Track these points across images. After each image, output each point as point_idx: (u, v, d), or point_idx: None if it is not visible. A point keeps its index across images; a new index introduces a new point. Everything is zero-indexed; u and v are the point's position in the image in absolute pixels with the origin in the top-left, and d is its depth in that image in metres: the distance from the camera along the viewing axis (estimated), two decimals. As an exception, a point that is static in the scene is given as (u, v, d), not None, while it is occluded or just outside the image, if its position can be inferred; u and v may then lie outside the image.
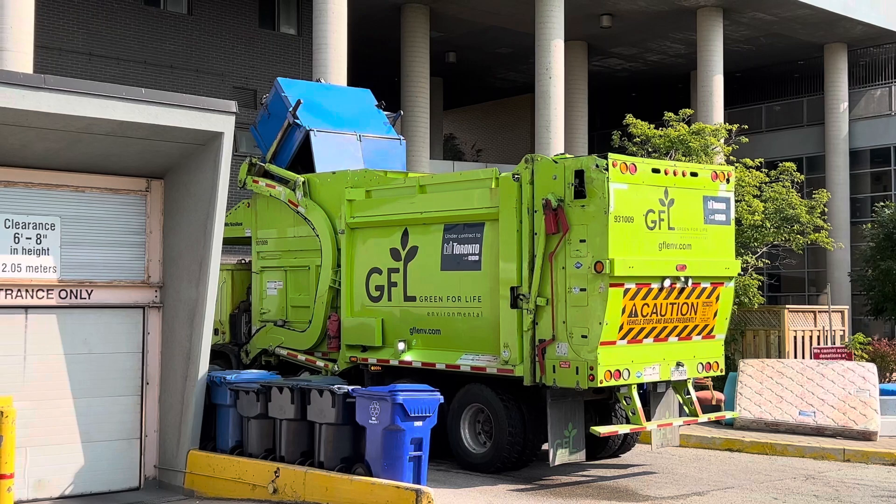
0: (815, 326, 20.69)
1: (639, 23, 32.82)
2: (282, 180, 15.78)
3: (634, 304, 11.94)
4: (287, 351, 15.35)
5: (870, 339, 20.66)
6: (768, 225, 20.56)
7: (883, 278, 22.66)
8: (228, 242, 15.04)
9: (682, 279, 12.39)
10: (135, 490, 11.85)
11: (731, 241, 13.28)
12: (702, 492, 11.85)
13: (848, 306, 26.02)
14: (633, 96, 40.29)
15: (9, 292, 11.21)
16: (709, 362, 13.01)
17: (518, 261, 12.39)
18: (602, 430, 12.18)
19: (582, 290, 11.85)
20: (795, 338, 20.26)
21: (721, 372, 13.26)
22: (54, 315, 11.52)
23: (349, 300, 14.46)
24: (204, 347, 11.77)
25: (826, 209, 22.43)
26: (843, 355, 17.61)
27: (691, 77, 36.52)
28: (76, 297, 11.65)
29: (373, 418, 10.65)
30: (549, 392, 12.19)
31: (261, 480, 11.09)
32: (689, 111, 22.18)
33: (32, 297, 11.36)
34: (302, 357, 15.13)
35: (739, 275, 17.17)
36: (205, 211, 11.77)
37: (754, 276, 20.72)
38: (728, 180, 13.18)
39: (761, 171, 21.29)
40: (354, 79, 23.72)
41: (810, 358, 19.11)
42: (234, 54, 28.05)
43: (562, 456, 12.19)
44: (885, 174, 36.21)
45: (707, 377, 14.23)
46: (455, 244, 13.25)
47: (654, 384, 12.77)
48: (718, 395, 16.93)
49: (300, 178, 15.38)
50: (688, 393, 13.02)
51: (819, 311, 21.18)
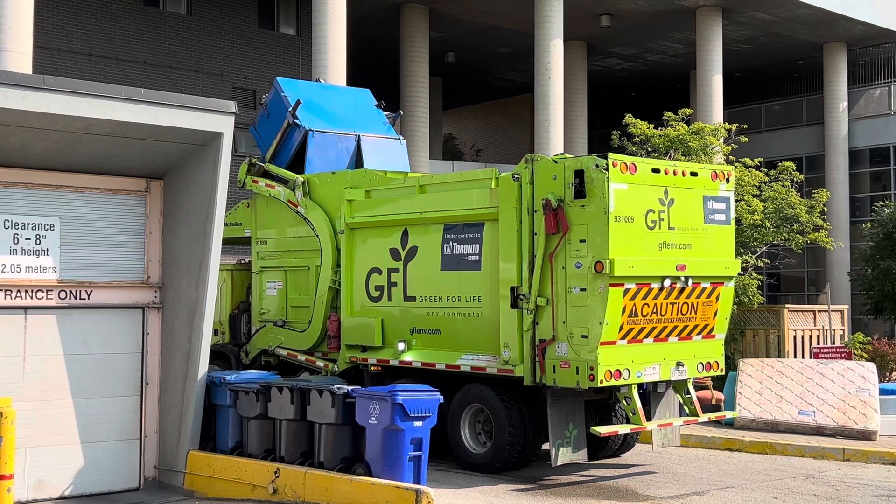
0: (815, 326, 20.69)
1: (638, 22, 32.82)
2: (281, 180, 15.77)
3: (634, 304, 11.94)
4: (287, 351, 15.34)
5: (869, 338, 20.67)
6: (768, 224, 20.56)
7: (882, 277, 22.66)
8: (228, 242, 15.03)
9: (682, 279, 12.39)
10: (134, 490, 11.85)
11: (731, 240, 13.28)
12: (702, 491, 11.85)
13: (847, 306, 26.02)
14: (632, 96, 40.29)
15: (8, 293, 11.20)
16: (709, 362, 13.01)
17: (518, 261, 12.39)
18: (602, 429, 12.18)
19: (582, 289, 11.85)
20: (795, 337, 20.25)
21: (721, 372, 13.26)
22: (54, 316, 11.51)
23: (349, 300, 14.45)
24: (203, 348, 11.77)
25: (825, 209, 22.45)
26: (843, 355, 17.61)
27: (691, 77, 36.53)
28: (76, 298, 11.65)
29: (373, 418, 10.65)
30: (550, 392, 12.18)
31: (261, 481, 11.09)
32: (688, 111, 22.18)
33: (32, 297, 11.36)
34: (302, 357, 15.12)
35: (739, 274, 17.17)
36: (204, 211, 11.76)
37: (754, 275, 20.73)
38: (728, 180, 13.18)
39: (761, 171, 21.29)
40: (354, 79, 23.71)
41: (810, 357, 19.11)
42: (233, 54, 28.04)
43: (562, 456, 12.19)
44: (884, 173, 36.22)
45: (707, 377, 14.22)
46: (455, 244, 13.25)
47: (655, 384, 12.77)
48: (718, 394, 16.93)
49: (300, 178, 15.37)
50: (688, 393, 13.02)
51: (819, 311, 21.18)
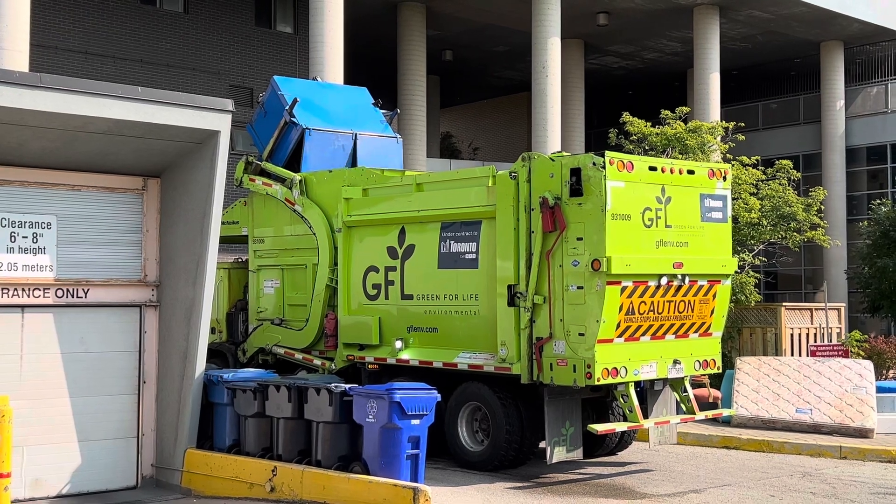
0: (812, 324, 20.71)
1: (635, 21, 32.82)
2: (278, 179, 15.77)
3: (631, 302, 11.95)
4: (284, 349, 15.34)
5: (866, 336, 20.70)
6: (765, 223, 20.58)
7: (879, 275, 22.70)
8: (225, 241, 15.06)
9: (679, 277, 12.40)
10: (132, 489, 11.85)
11: (728, 238, 13.29)
12: (699, 489, 11.86)
13: (844, 304, 26.05)
14: (629, 94, 40.29)
15: (5, 291, 11.19)
16: (706, 360, 13.02)
17: (515, 259, 12.39)
18: (599, 427, 12.18)
19: (579, 287, 11.86)
20: (792, 335, 20.28)
21: (718, 370, 13.27)
22: (51, 314, 11.51)
23: (346, 298, 14.45)
24: (201, 346, 11.76)
25: (822, 207, 22.49)
26: (840, 353, 17.63)
27: (688, 75, 36.53)
28: (72, 296, 11.64)
29: (370, 417, 10.65)
30: (547, 390, 12.19)
31: (258, 479, 11.09)
32: (685, 109, 22.19)
33: (29, 296, 11.35)
34: (299, 356, 15.12)
35: (736, 272, 17.19)
36: (201, 209, 11.76)
37: (751, 273, 20.74)
38: (725, 178, 13.19)
39: (758, 169, 21.30)
40: (351, 77, 23.69)
41: (807, 355, 19.13)
42: (230, 53, 28.02)
43: (559, 454, 12.20)
44: (881, 172, 36.25)
45: (704, 375, 14.25)
46: (452, 242, 13.25)
47: (652, 382, 12.79)
48: (715, 392, 16.94)
49: (297, 177, 15.37)
50: (685, 391, 13.03)
51: (816, 309, 21.20)
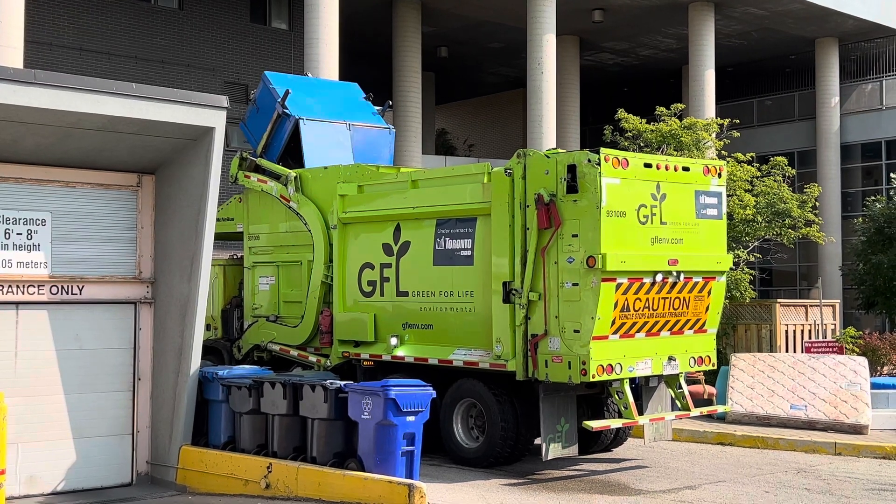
0: (807, 320, 20.74)
1: (630, 17, 32.83)
2: (274, 175, 15.76)
3: (626, 299, 11.96)
4: (279, 346, 15.34)
5: (861, 332, 20.72)
6: (760, 219, 20.60)
7: (874, 272, 22.72)
8: (220, 238, 15.05)
9: (674, 274, 12.41)
10: (127, 486, 11.85)
11: (723, 235, 13.30)
12: (694, 485, 11.88)
13: (839, 300, 26.10)
14: (624, 91, 40.30)
15: (0, 288, 11.18)
16: (701, 356, 13.04)
17: (510, 256, 12.39)
18: (594, 424, 12.19)
19: (574, 284, 11.86)
20: (787, 332, 20.30)
21: (713, 366, 13.29)
22: (45, 311, 11.50)
23: (341, 295, 14.45)
24: (196, 343, 11.76)
25: (817, 203, 22.52)
26: (835, 349, 17.65)
27: (683, 72, 36.56)
28: (67, 293, 11.63)
29: (365, 413, 10.65)
30: (542, 387, 12.20)
31: (253, 476, 11.09)
32: (680, 106, 22.20)
33: (23, 292, 11.34)
34: (294, 352, 15.12)
35: (731, 269, 17.21)
36: (196, 206, 11.75)
37: (746, 270, 20.77)
38: (720, 175, 13.20)
39: (753, 166, 21.33)
40: (346, 74, 23.66)
41: (802, 352, 19.15)
42: (225, 49, 27.98)
43: (554, 450, 12.21)
44: (875, 168, 36.30)
45: (699, 371, 14.24)
46: (447, 239, 13.25)
47: (647, 378, 12.80)
48: (710, 389, 16.96)
49: (292, 174, 15.36)
50: (680, 387, 13.05)
51: (810, 306, 21.22)
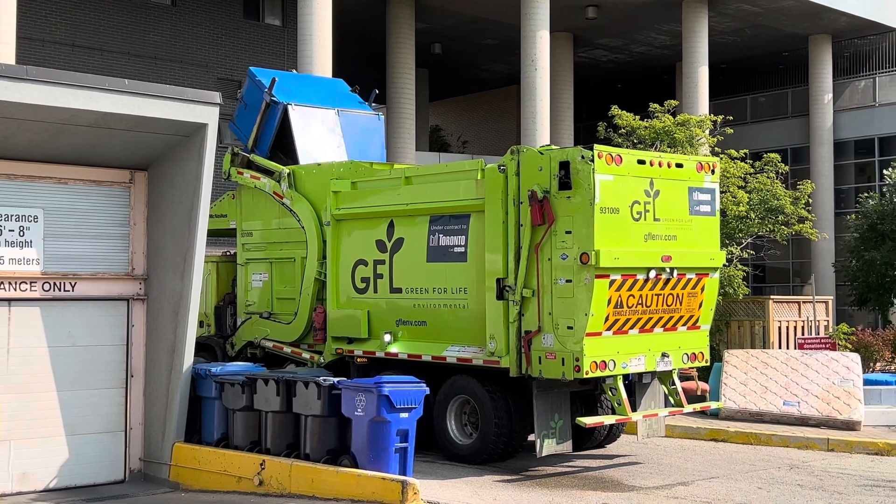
0: (800, 317, 20.78)
1: (624, 14, 32.82)
2: (267, 171, 15.73)
3: (620, 296, 11.96)
4: (273, 343, 15.32)
5: (854, 329, 20.77)
6: (753, 216, 20.62)
7: (867, 269, 22.78)
8: (213, 234, 15.01)
9: (668, 270, 12.42)
10: (120, 483, 11.83)
11: (716, 231, 13.32)
12: (687, 482, 11.90)
13: (832, 297, 26.14)
14: (618, 88, 40.31)
15: (-8, 285, 11.17)
16: (694, 353, 13.05)
17: (504, 252, 12.39)
18: (588, 420, 12.20)
19: (568, 281, 11.86)
20: (780, 328, 20.33)
21: (706, 362, 13.30)
22: (38, 308, 11.47)
23: (335, 292, 14.43)
24: (189, 340, 11.74)
25: (810, 200, 22.53)
26: (828, 345, 17.70)
27: (677, 68, 36.57)
28: (60, 290, 11.60)
29: (358, 410, 10.64)
30: (535, 383, 12.20)
31: (246, 473, 11.07)
32: (674, 102, 22.21)
33: (15, 289, 11.31)
34: (288, 349, 15.10)
35: (724, 266, 17.24)
36: (189, 203, 11.73)
37: (739, 266, 20.79)
38: (713, 171, 13.20)
39: (746, 163, 21.35)
40: (339, 71, 23.63)
41: (795, 348, 19.19)
42: (218, 45, 27.92)
43: (548, 447, 12.21)
44: (868, 165, 36.37)
45: (692, 368, 14.25)
46: (441, 236, 13.24)
47: (640, 375, 12.80)
48: (703, 385, 16.98)
49: (285, 170, 15.33)
50: (673, 383, 13.06)
51: (803, 302, 21.27)
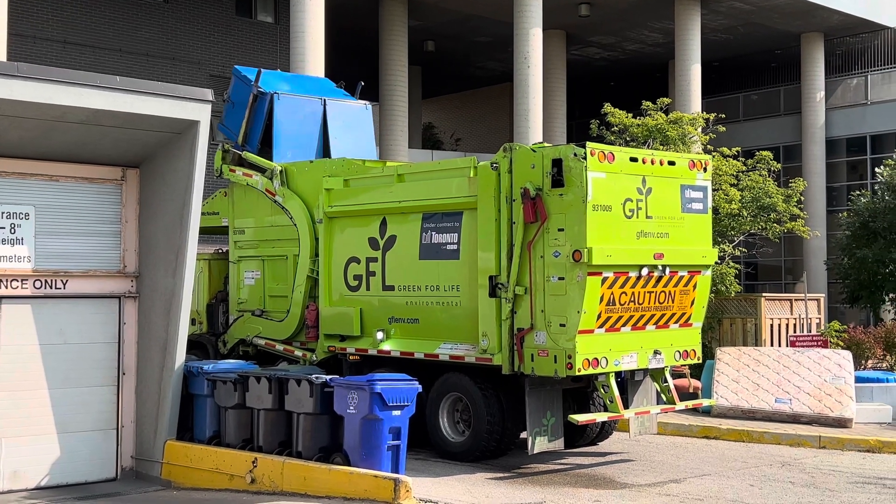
0: (792, 314, 20.82)
1: (617, 12, 32.84)
2: (259, 169, 15.70)
3: (612, 293, 11.97)
4: (265, 341, 15.30)
5: (845, 326, 20.82)
6: (745, 213, 20.65)
7: (858, 266, 22.84)
8: (205, 232, 14.96)
9: (660, 268, 12.43)
10: (111, 481, 11.80)
11: (709, 229, 13.33)
12: (679, 479, 11.91)
13: (824, 294, 26.19)
14: (611, 85, 40.31)
15: (-17, 282, 11.12)
16: (686, 350, 13.07)
17: (496, 250, 12.39)
18: (580, 418, 12.21)
19: (560, 278, 11.87)
20: (772, 326, 20.37)
21: (698, 360, 13.32)
22: (29, 305, 11.43)
23: (327, 290, 14.42)
24: (181, 337, 11.72)
25: (802, 198, 22.56)
26: (819, 343, 17.72)
27: (669, 66, 36.58)
28: (51, 287, 11.56)
29: (351, 408, 10.63)
30: (528, 380, 12.20)
31: (238, 470, 11.06)
32: (666, 100, 22.21)
33: (7, 287, 11.26)
34: (280, 347, 15.08)
35: (716, 263, 17.25)
36: (181, 200, 11.70)
37: (731, 264, 20.83)
38: (705, 169, 13.22)
39: (738, 160, 21.37)
40: (332, 68, 23.61)
41: (786, 346, 19.23)
42: (210, 42, 27.85)
43: (540, 444, 12.22)
44: (860, 163, 36.44)
45: (684, 365, 14.30)
46: (433, 233, 13.23)
47: (632, 372, 12.81)
48: (696, 382, 17.01)
49: (277, 167, 15.31)
50: (665, 381, 13.07)
51: (795, 300, 21.31)
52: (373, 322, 13.81)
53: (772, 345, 20.04)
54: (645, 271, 12.27)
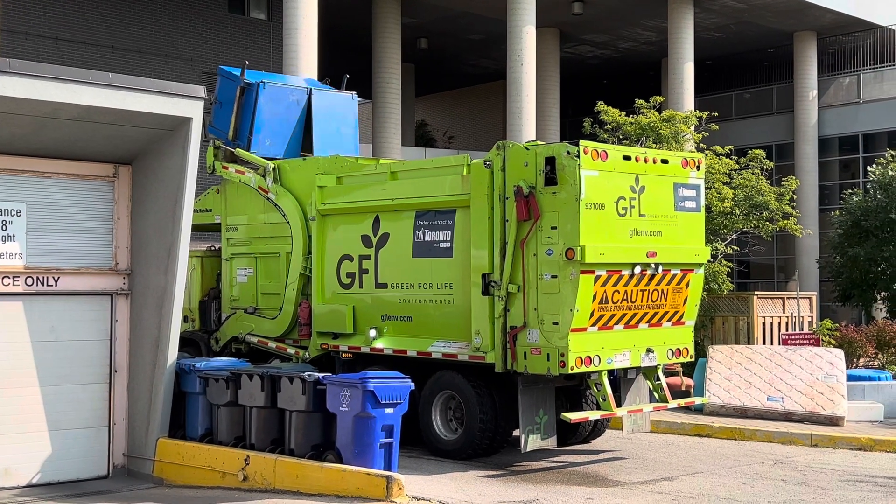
0: (784, 313, 20.86)
1: (610, 10, 32.85)
2: (252, 166, 15.68)
3: (605, 291, 11.98)
4: (257, 338, 15.28)
5: (837, 325, 20.85)
6: (738, 212, 20.68)
7: (851, 265, 22.89)
8: (198, 229, 14.95)
9: (653, 266, 12.44)
10: (103, 478, 11.77)
11: (701, 227, 13.34)
12: (671, 477, 11.93)
13: (816, 293, 26.26)
14: (604, 83, 40.31)
15: (-26, 279, 11.09)
16: (678, 348, 13.08)
17: (489, 248, 12.38)
18: (573, 416, 12.22)
19: (553, 276, 11.87)
20: (764, 324, 20.42)
21: (691, 358, 13.34)
22: (20, 302, 11.39)
23: (320, 287, 14.40)
24: (173, 335, 11.70)
25: (795, 196, 22.61)
26: (811, 341, 17.76)
27: (662, 64, 36.61)
28: (43, 285, 11.53)
29: (343, 405, 10.63)
30: (521, 378, 12.20)
31: (231, 468, 11.04)
32: (659, 98, 22.24)
33: (-2, 284, 11.23)
34: (272, 344, 15.06)
35: (709, 261, 17.27)
36: (173, 197, 11.67)
37: (724, 262, 20.86)
38: (698, 167, 13.23)
39: (731, 159, 21.40)
40: (325, 65, 23.56)
41: (779, 344, 19.28)
42: (203, 39, 27.79)
43: (533, 442, 12.23)
44: (853, 162, 36.51)
45: (677, 363, 14.30)
46: (426, 231, 13.22)
47: (625, 370, 12.83)
48: (688, 381, 17.02)
49: (270, 164, 15.29)
50: (658, 379, 13.09)
51: (787, 298, 21.35)
52: (366, 320, 13.79)
53: (764, 343, 20.08)
54: (638, 269, 12.27)
